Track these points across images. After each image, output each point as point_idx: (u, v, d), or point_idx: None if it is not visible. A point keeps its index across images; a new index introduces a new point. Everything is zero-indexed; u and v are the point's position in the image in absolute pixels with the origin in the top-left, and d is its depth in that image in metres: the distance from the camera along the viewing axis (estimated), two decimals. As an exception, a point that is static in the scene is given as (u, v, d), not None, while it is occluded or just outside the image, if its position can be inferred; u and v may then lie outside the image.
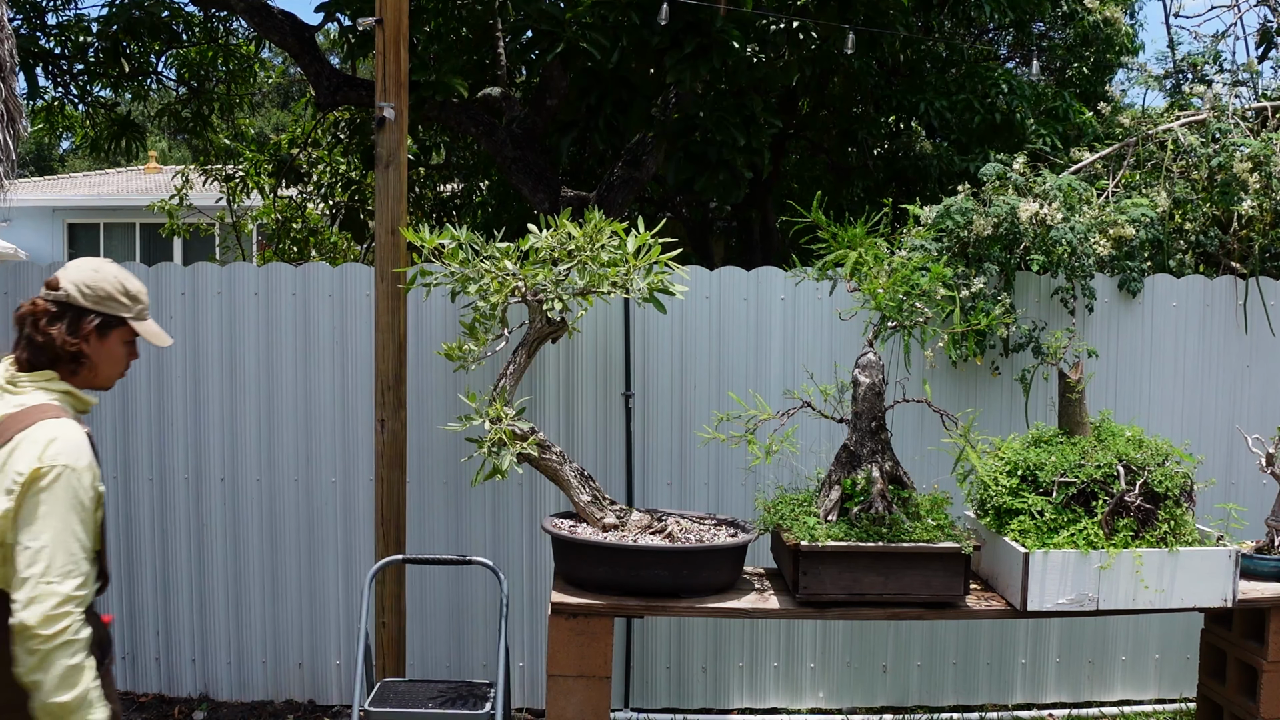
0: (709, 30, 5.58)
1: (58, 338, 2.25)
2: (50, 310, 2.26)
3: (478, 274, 3.59)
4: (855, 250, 3.39)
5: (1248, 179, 4.61)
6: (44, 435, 2.15)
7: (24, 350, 2.27)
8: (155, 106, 10.13)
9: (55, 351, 2.26)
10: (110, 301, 2.30)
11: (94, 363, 2.31)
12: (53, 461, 2.12)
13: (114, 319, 2.31)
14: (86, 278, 2.29)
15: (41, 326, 2.25)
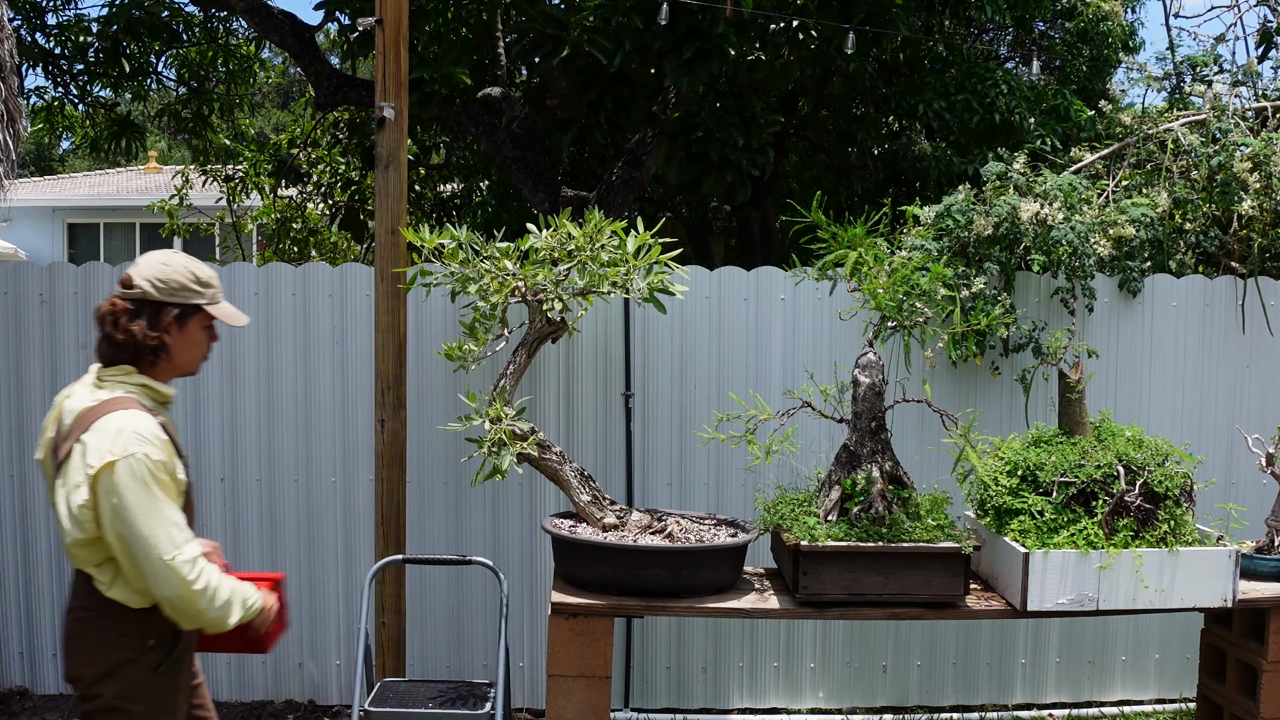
0: (709, 35, 5.59)
1: (139, 333, 2.37)
2: (129, 308, 2.38)
3: (478, 274, 3.59)
4: (855, 250, 3.39)
5: (1248, 179, 4.61)
6: (113, 426, 2.26)
7: (105, 347, 2.40)
8: (155, 106, 10.13)
9: (137, 347, 2.37)
10: (184, 291, 2.41)
11: (175, 352, 2.42)
12: (124, 451, 2.23)
13: (190, 307, 2.42)
14: (158, 272, 2.40)
15: (122, 324, 2.38)
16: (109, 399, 2.33)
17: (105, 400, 2.33)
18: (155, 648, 2.38)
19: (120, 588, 2.34)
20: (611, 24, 5.62)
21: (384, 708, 3.47)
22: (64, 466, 2.31)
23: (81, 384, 2.43)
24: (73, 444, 2.30)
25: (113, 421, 2.27)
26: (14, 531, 4.47)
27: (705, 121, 5.93)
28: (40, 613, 4.49)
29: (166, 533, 2.25)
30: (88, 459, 2.24)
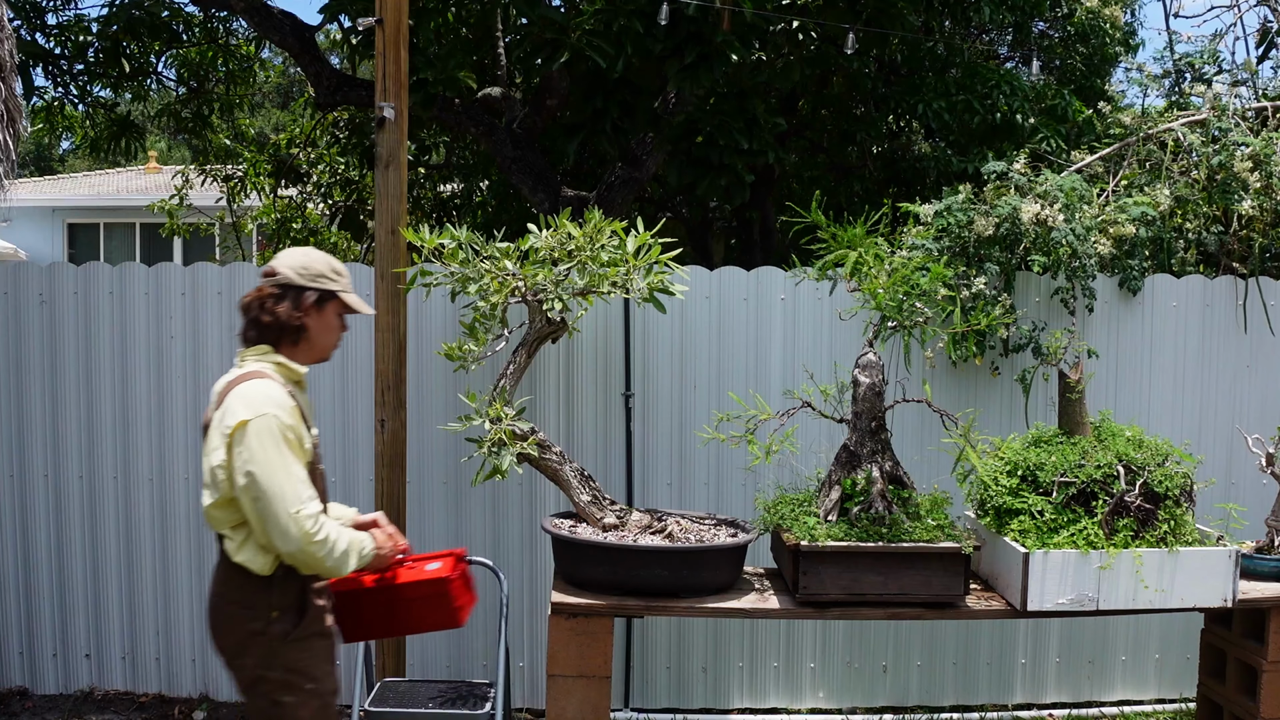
0: (710, 40, 5.59)
1: (284, 314, 2.61)
2: (274, 293, 2.62)
3: (478, 274, 3.59)
4: (855, 250, 3.39)
5: (1248, 178, 4.61)
6: (246, 391, 2.49)
7: (250, 330, 2.63)
8: (155, 106, 10.12)
9: (282, 327, 2.61)
10: (322, 278, 2.66)
11: (314, 334, 2.66)
12: (256, 411, 2.45)
13: (327, 293, 2.66)
14: (300, 260, 2.66)
15: (269, 307, 2.61)
16: (246, 371, 2.57)
17: (243, 373, 2.57)
18: (280, 618, 2.54)
19: (248, 550, 2.52)
20: (612, 28, 5.62)
21: (384, 708, 3.47)
22: (205, 436, 2.56)
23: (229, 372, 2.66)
24: (213, 413, 2.55)
25: (247, 388, 2.50)
26: (14, 531, 4.47)
27: (706, 125, 5.92)
28: (40, 613, 4.49)
29: (292, 489, 2.44)
30: (225, 421, 2.47)
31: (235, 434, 2.45)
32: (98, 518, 4.47)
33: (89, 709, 4.41)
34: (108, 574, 4.48)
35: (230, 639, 2.56)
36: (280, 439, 2.46)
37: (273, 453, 2.44)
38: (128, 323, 4.44)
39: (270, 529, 2.44)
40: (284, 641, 2.54)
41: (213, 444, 2.51)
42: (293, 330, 2.62)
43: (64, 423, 4.45)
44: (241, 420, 2.44)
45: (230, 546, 2.54)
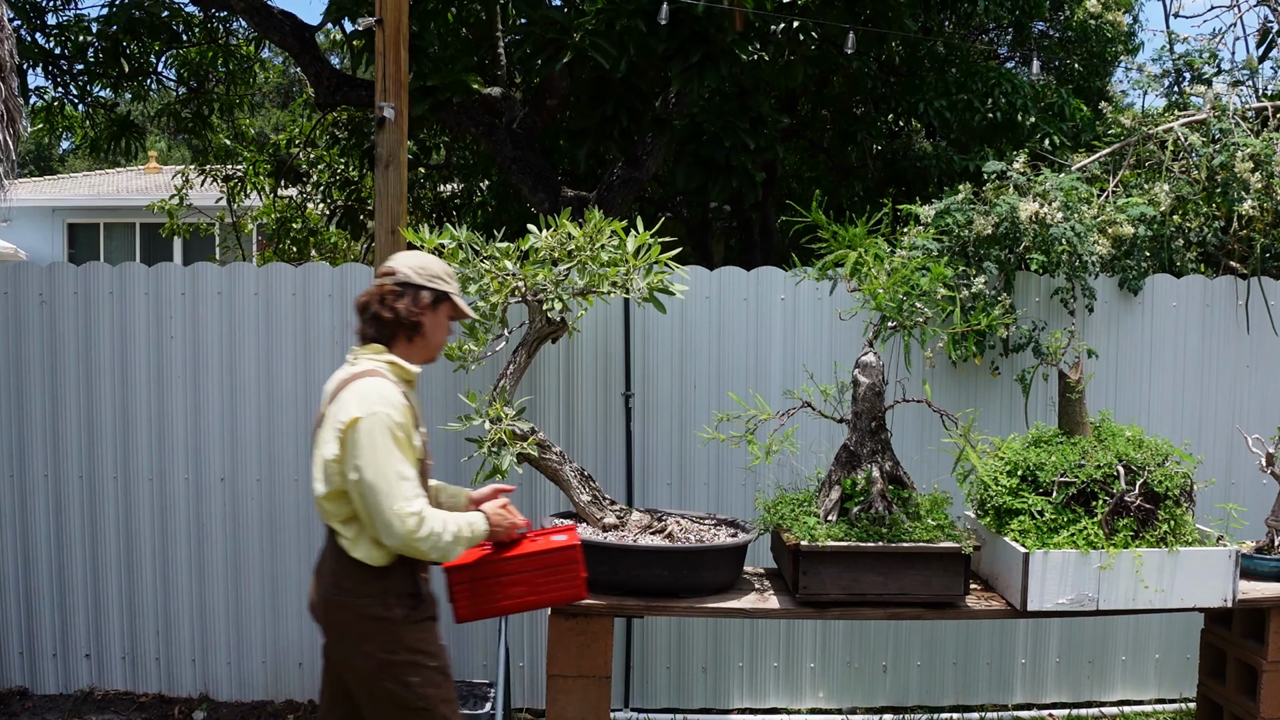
0: (714, 40, 5.58)
1: (403, 310, 2.69)
2: (394, 290, 2.70)
3: (478, 274, 3.59)
4: (855, 250, 3.39)
5: (1248, 178, 4.61)
6: (361, 389, 2.58)
7: (369, 327, 2.70)
8: (155, 106, 10.12)
9: (400, 322, 2.69)
10: (438, 279, 2.75)
11: (428, 332, 2.74)
12: (369, 409, 2.53)
13: (442, 293, 2.75)
14: (417, 261, 2.77)
15: (388, 303, 2.69)
16: (360, 370, 2.65)
17: (357, 371, 2.65)
18: (397, 604, 2.63)
19: (363, 545, 2.61)
20: (615, 28, 5.61)
21: (384, 708, 3.46)
22: (318, 431, 2.64)
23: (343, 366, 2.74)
24: (326, 408, 2.63)
25: (361, 385, 2.59)
26: (14, 531, 4.47)
27: (712, 125, 5.92)
28: (40, 613, 4.49)
29: (398, 486, 2.52)
30: (339, 416, 2.55)
31: (348, 430, 2.53)
32: (98, 518, 4.47)
33: (89, 709, 4.41)
34: (108, 574, 4.48)
35: (351, 629, 2.62)
36: (390, 437, 2.54)
37: (382, 450, 2.52)
38: (128, 323, 4.44)
39: (376, 524, 2.54)
40: (405, 624, 2.64)
41: (325, 438, 2.59)
42: (409, 327, 2.71)
43: (64, 423, 4.45)
44: (354, 417, 2.53)
45: (345, 543, 2.61)
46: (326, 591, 2.66)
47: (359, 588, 2.62)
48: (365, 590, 2.62)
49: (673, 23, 5.52)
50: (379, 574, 2.62)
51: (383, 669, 2.62)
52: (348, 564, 2.62)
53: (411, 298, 2.70)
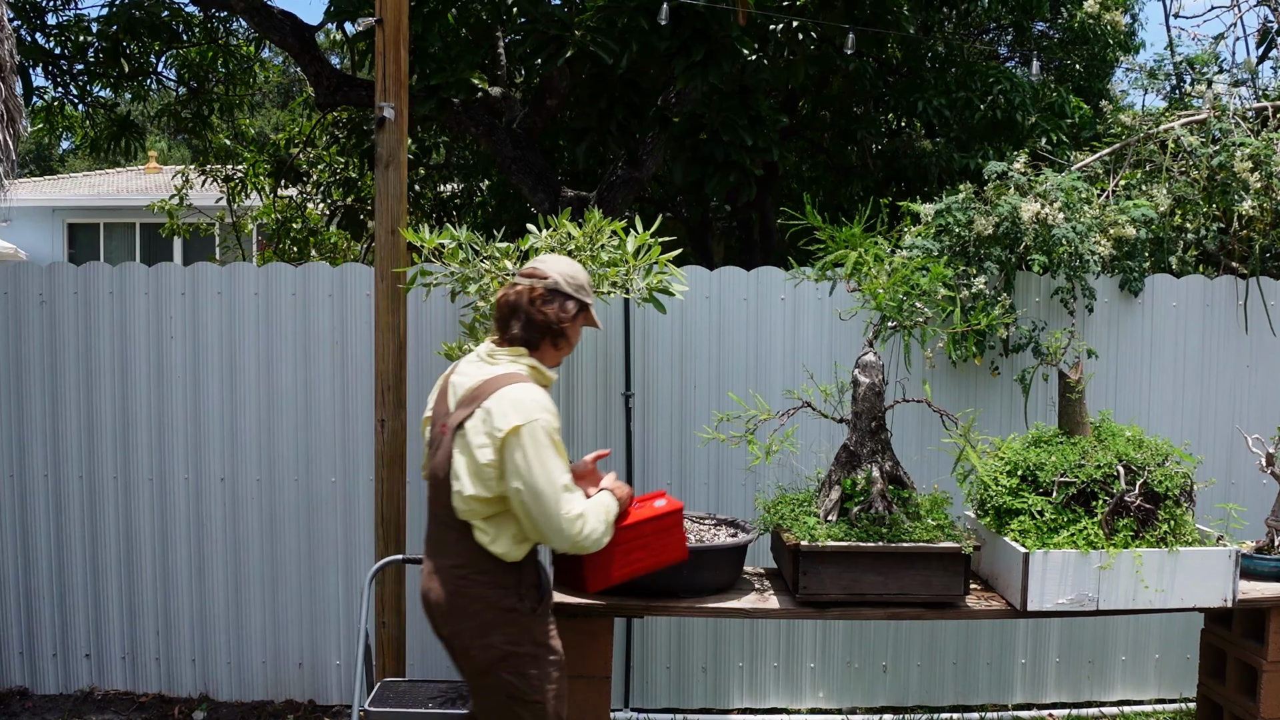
0: (717, 37, 5.58)
1: (553, 315, 2.71)
2: (544, 294, 2.71)
3: (478, 274, 3.59)
4: (855, 250, 3.39)
5: (1248, 178, 4.61)
6: (516, 395, 2.58)
7: (518, 329, 2.71)
8: (155, 107, 10.12)
9: (549, 327, 2.71)
10: (583, 290, 2.77)
11: (569, 339, 2.77)
12: (528, 417, 2.55)
13: (583, 304, 2.77)
14: (567, 269, 2.76)
15: (539, 306, 2.70)
16: (506, 372, 2.65)
17: (503, 373, 2.64)
18: (526, 596, 2.67)
19: (503, 541, 2.63)
20: (616, 25, 5.61)
21: (384, 708, 3.47)
22: (461, 430, 2.62)
23: (468, 362, 2.74)
24: (473, 410, 2.60)
25: (515, 391, 2.59)
26: (14, 531, 4.47)
27: (711, 122, 5.92)
28: (40, 613, 4.49)
29: (563, 493, 2.58)
30: (495, 423, 2.55)
31: (509, 438, 2.55)
32: (98, 518, 4.47)
33: (89, 709, 4.41)
34: (108, 574, 4.48)
35: (476, 619, 2.65)
36: (550, 443, 2.58)
37: (547, 458, 2.56)
38: (128, 323, 4.44)
39: (545, 529, 2.58)
40: (532, 616, 2.68)
41: (478, 440, 2.58)
42: (556, 334, 2.72)
43: (64, 423, 4.45)
44: (516, 425, 2.54)
45: (483, 538, 2.63)
46: (455, 583, 2.67)
47: (493, 579, 2.65)
48: (499, 582, 2.65)
49: (675, 20, 5.52)
50: (513, 566, 2.66)
51: (504, 660, 2.65)
52: (481, 556, 2.64)
53: (560, 304, 2.72)
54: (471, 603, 2.65)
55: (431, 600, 2.73)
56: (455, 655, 2.73)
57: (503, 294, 2.76)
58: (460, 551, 2.66)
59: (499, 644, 2.64)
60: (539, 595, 2.71)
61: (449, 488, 2.64)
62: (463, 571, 2.66)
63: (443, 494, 2.67)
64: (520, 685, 2.66)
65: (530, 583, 2.69)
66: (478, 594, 2.65)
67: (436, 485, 2.70)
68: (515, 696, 2.67)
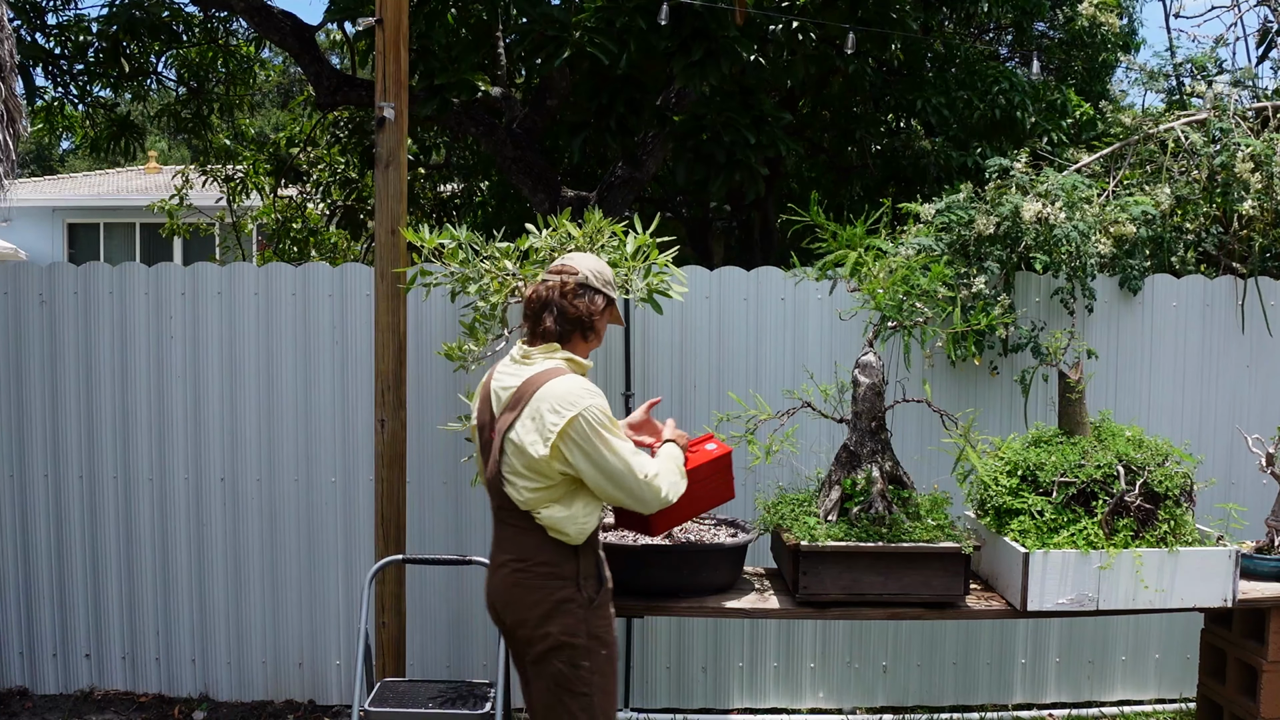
0: (717, 36, 5.57)
1: (584, 309, 2.79)
2: (577, 289, 2.79)
3: (478, 274, 3.59)
4: (855, 250, 3.39)
5: (1249, 178, 4.61)
6: (560, 389, 2.66)
7: (551, 323, 2.78)
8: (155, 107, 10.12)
9: (581, 320, 2.79)
10: (610, 285, 2.86)
11: (598, 333, 2.85)
12: (582, 406, 2.63)
13: (610, 299, 2.86)
14: (595, 265, 2.85)
15: (570, 300, 2.78)
16: (544, 369, 2.72)
17: (541, 371, 2.72)
18: (584, 586, 2.74)
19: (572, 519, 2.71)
20: (615, 25, 5.61)
21: (384, 708, 3.47)
22: (511, 431, 2.69)
23: (504, 367, 2.83)
24: (520, 411, 2.68)
25: (558, 385, 2.66)
26: (14, 531, 4.47)
27: (713, 122, 5.91)
28: (40, 613, 4.49)
29: (634, 460, 2.68)
30: (547, 421, 2.63)
31: (565, 432, 2.63)
32: (98, 518, 4.47)
33: (89, 709, 4.41)
34: (108, 574, 4.49)
35: (535, 609, 2.70)
36: (605, 426, 2.65)
37: (606, 439, 2.65)
38: (128, 323, 4.44)
39: (629, 500, 2.70)
40: (589, 607, 2.74)
41: (530, 437, 2.65)
42: (586, 327, 2.80)
43: (64, 423, 4.45)
44: (570, 417, 2.62)
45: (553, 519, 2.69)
46: (515, 575, 2.73)
47: (553, 570, 2.71)
48: (560, 572, 2.71)
49: (674, 19, 5.52)
50: (571, 555, 2.72)
51: (558, 649, 2.71)
52: (540, 548, 2.72)
53: (589, 298, 2.80)
54: (530, 593, 2.72)
55: (495, 595, 2.81)
56: (516, 646, 2.80)
57: (533, 290, 2.83)
58: (520, 546, 2.74)
59: (556, 634, 2.70)
60: (597, 585, 2.78)
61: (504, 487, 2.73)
62: (523, 564, 2.73)
63: (498, 494, 2.76)
64: (571, 676, 2.72)
65: (589, 573, 2.76)
66: (537, 585, 2.71)
67: (492, 487, 2.78)
68: (565, 687, 2.72)
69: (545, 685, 2.74)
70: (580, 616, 2.72)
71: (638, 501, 2.71)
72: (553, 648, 2.71)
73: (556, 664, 2.71)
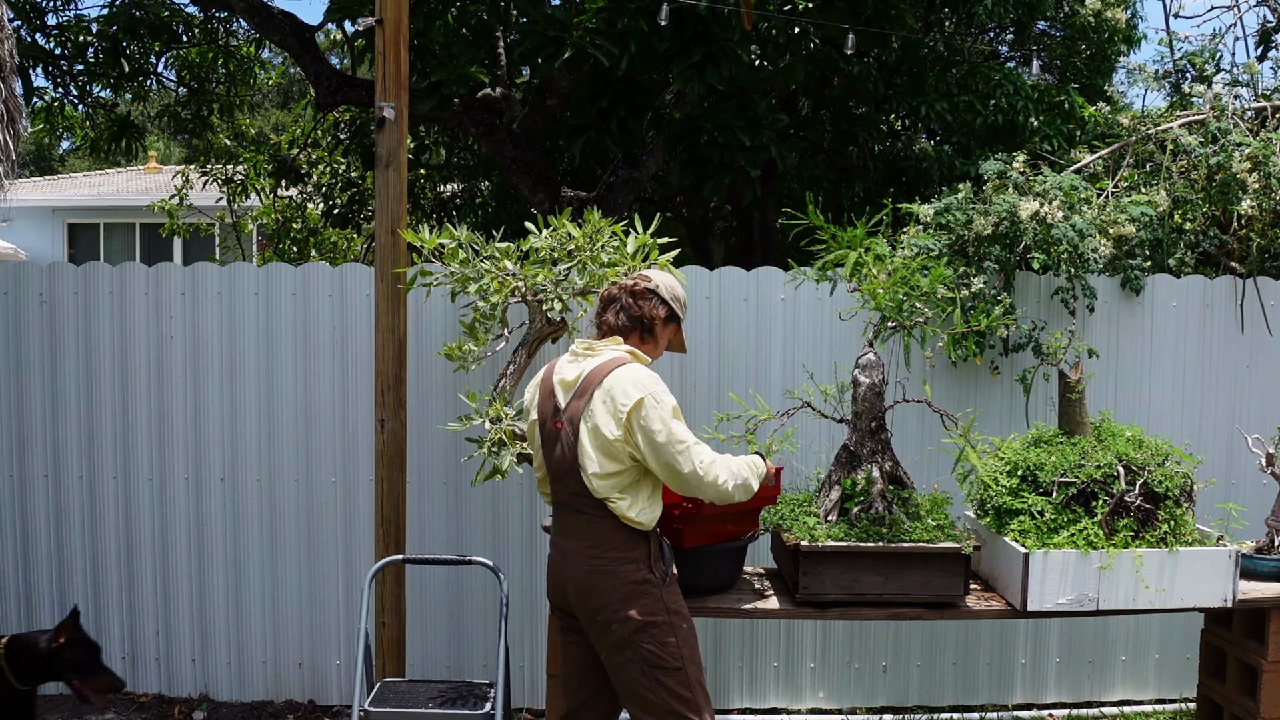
0: (717, 39, 5.57)
1: (646, 310, 2.96)
2: (643, 291, 2.98)
3: (478, 274, 3.59)
4: (855, 251, 3.39)
5: (1247, 179, 4.61)
6: (630, 374, 2.80)
7: (616, 316, 2.96)
8: (155, 107, 10.12)
9: (642, 320, 2.96)
10: (678, 302, 3.05)
11: (656, 339, 3.00)
12: (645, 390, 2.76)
13: (675, 315, 3.03)
14: (669, 281, 3.05)
15: (636, 300, 2.96)
16: (611, 358, 2.86)
17: (608, 359, 2.85)
18: (655, 568, 2.84)
19: (639, 506, 2.82)
20: (616, 26, 5.60)
21: (384, 708, 3.47)
22: (586, 414, 2.80)
23: (566, 361, 2.94)
24: (591, 395, 2.80)
25: (628, 371, 2.81)
26: (14, 531, 4.47)
27: (708, 124, 5.91)
28: (41, 613, 4.49)
29: (690, 450, 2.78)
30: (618, 401, 2.76)
31: (634, 412, 2.74)
32: (98, 518, 4.47)
33: (89, 709, 4.41)
34: (108, 574, 4.49)
35: (614, 594, 2.79)
36: (670, 410, 2.77)
37: (670, 421, 2.76)
38: (128, 323, 4.44)
39: (682, 487, 2.81)
40: (663, 586, 2.85)
41: (603, 420, 2.77)
42: (646, 329, 2.96)
43: (64, 423, 4.45)
44: (638, 399, 2.74)
45: (622, 506, 2.80)
46: (589, 563, 2.82)
47: (624, 554, 2.81)
48: (630, 556, 2.81)
49: (675, 21, 5.52)
50: (641, 539, 2.83)
51: (642, 630, 2.79)
52: (612, 534, 2.82)
53: (654, 303, 2.97)
54: (608, 579, 2.80)
55: (569, 583, 2.87)
56: (595, 632, 2.85)
57: (606, 289, 3.03)
58: (592, 534, 2.83)
59: (637, 616, 2.78)
60: (665, 566, 2.88)
61: (577, 475, 2.81)
62: (597, 551, 2.81)
63: (570, 482, 2.84)
64: (662, 654, 2.80)
65: (657, 555, 2.87)
66: (613, 570, 2.80)
67: (561, 477, 2.87)
68: (658, 665, 2.79)
69: (638, 669, 2.80)
70: (657, 596, 2.82)
71: (693, 489, 2.81)
72: (638, 629, 2.78)
73: (645, 645, 2.79)
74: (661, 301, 2.99)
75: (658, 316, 2.97)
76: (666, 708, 2.79)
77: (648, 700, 2.80)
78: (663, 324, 3.00)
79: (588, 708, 2.99)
